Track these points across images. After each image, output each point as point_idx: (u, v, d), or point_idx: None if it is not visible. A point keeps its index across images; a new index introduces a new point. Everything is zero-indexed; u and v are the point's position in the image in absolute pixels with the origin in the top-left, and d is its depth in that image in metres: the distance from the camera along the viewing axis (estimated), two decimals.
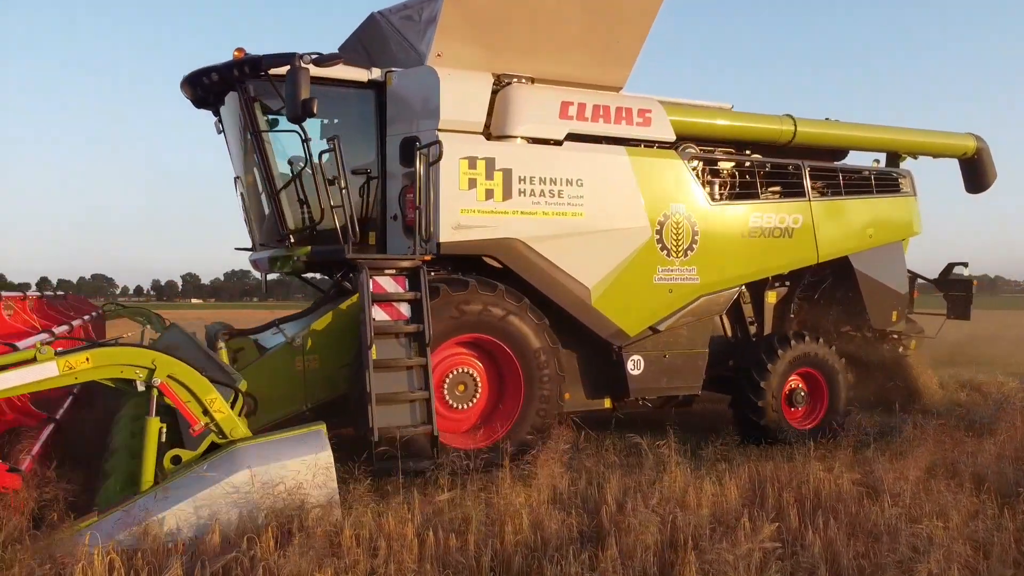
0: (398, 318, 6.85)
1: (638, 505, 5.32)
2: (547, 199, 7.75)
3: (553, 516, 5.22)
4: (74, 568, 4.11)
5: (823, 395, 9.12)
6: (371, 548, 4.67)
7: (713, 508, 5.54)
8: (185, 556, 4.43)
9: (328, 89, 7.56)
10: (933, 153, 10.63)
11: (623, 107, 8.23)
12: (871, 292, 9.70)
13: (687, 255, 8.44)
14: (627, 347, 8.31)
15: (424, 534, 4.84)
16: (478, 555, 4.66)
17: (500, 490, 5.62)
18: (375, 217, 7.81)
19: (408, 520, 5.03)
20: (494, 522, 5.10)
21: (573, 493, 5.92)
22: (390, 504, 5.41)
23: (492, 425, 7.58)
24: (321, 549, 4.48)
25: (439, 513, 5.29)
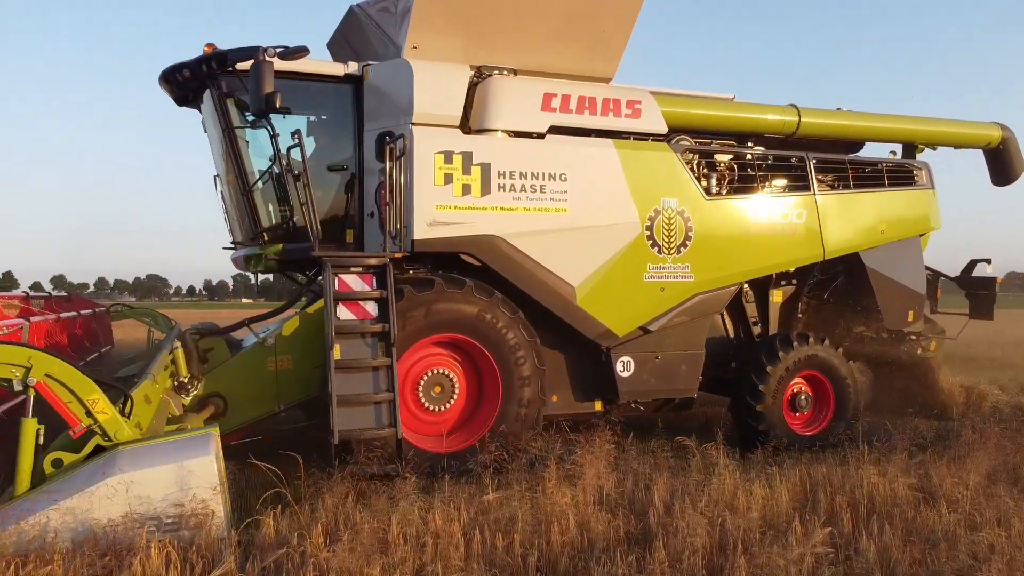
0: (364, 317, 6.65)
1: (686, 507, 5.26)
2: (528, 194, 7.48)
3: (599, 517, 5.20)
4: (132, 560, 4.19)
5: (829, 400, 8.67)
6: (418, 545, 4.70)
7: (763, 512, 5.46)
8: (239, 551, 4.51)
9: (305, 84, 7.46)
10: (954, 143, 10.05)
11: (610, 98, 7.91)
12: (885, 291, 9.20)
13: (680, 252, 8.08)
14: (616, 348, 7.99)
15: (471, 533, 4.86)
16: (524, 555, 4.68)
17: (545, 490, 5.59)
18: (354, 214, 7.63)
19: (455, 519, 5.05)
20: (540, 522, 5.10)
21: (619, 494, 5.85)
22: (435, 502, 5.41)
23: (471, 428, 7.36)
24: (369, 546, 4.51)
25: (485, 512, 5.28)
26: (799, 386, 8.62)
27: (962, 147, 10.14)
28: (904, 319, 9.39)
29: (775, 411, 8.31)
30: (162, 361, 6.51)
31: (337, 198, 7.66)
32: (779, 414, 8.35)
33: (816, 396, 8.72)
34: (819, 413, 8.72)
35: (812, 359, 8.51)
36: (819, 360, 8.55)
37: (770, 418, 8.23)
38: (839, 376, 8.63)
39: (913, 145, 9.79)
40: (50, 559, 4.25)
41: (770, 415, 8.24)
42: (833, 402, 8.65)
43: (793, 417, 8.57)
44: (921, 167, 9.49)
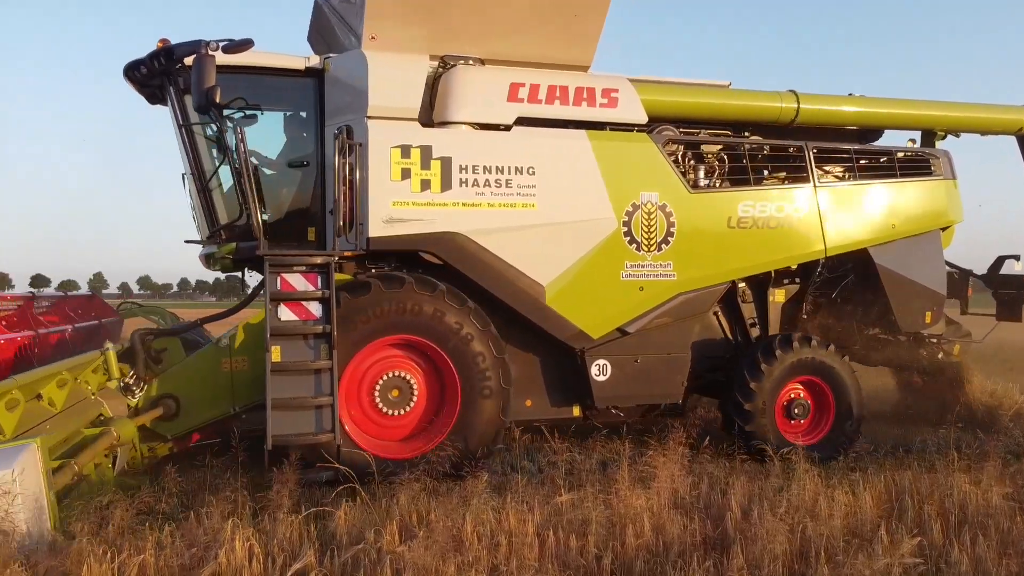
0: (307, 318, 6.43)
1: (764, 513, 5.12)
2: (493, 189, 7.13)
3: (675, 520, 5.13)
4: (219, 551, 4.36)
5: (829, 407, 8.06)
6: (492, 544, 4.71)
7: (846, 519, 5.31)
8: (317, 545, 4.63)
9: (267, 79, 7.31)
10: (979, 129, 9.24)
11: (584, 87, 7.49)
12: (898, 290, 8.50)
13: (661, 249, 7.61)
14: (591, 350, 7.57)
15: (544, 533, 4.87)
16: (599, 557, 4.66)
17: (619, 492, 5.54)
18: (316, 211, 7.42)
19: (528, 519, 5.04)
20: (614, 524, 5.07)
21: (695, 497, 5.77)
22: (508, 501, 5.38)
23: (430, 433, 7.07)
24: (443, 544, 4.53)
25: (558, 513, 5.26)
26: (796, 392, 8.04)
27: (989, 133, 9.32)
28: (920, 320, 8.67)
29: (768, 420, 7.76)
30: (74, 363, 6.37)
31: (300, 195, 7.46)
32: (773, 423, 7.80)
33: (816, 403, 8.12)
34: (819, 421, 8.12)
35: (809, 364, 7.92)
36: (817, 365, 7.95)
37: (760, 430, 7.68)
38: (840, 382, 8.00)
39: (932, 132, 9.03)
40: (142, 548, 4.43)
41: (760, 427, 7.70)
42: (833, 410, 8.04)
43: (789, 425, 7.99)
44: (939, 155, 8.73)
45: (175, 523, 5.08)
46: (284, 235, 7.20)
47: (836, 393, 7.99)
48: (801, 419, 8.00)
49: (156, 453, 6.98)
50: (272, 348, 6.22)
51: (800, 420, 8.00)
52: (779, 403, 7.93)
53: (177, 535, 4.77)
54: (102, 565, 4.23)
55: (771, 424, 7.75)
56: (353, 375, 6.87)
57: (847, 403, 7.98)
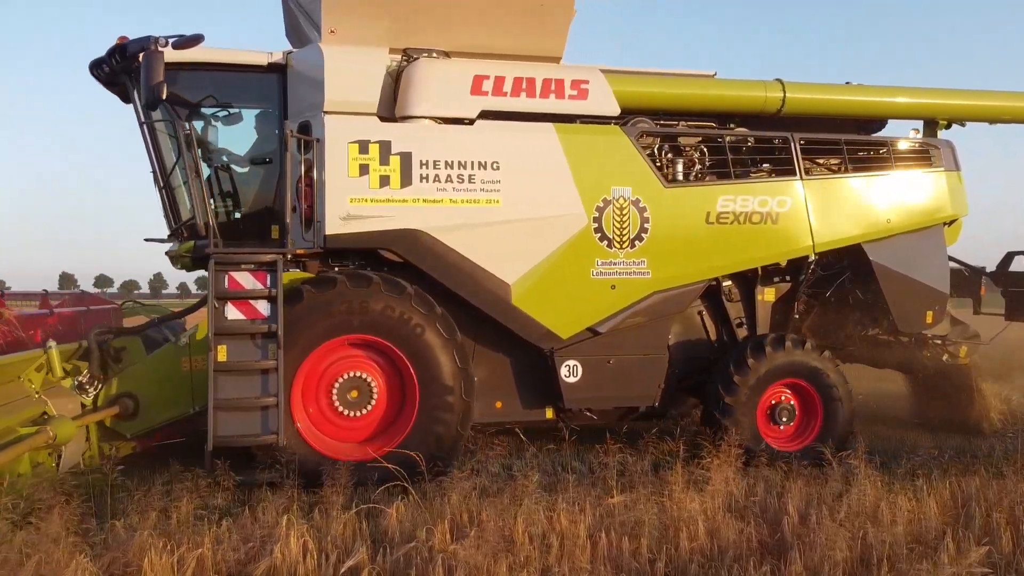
0: (254, 317, 6.32)
1: (823, 518, 5.03)
2: (455, 185, 6.94)
3: (730, 524, 5.05)
4: (274, 547, 4.43)
5: (817, 412, 7.67)
6: (543, 545, 4.70)
7: (909, 526, 5.16)
8: (369, 542, 4.69)
9: (232, 76, 7.25)
10: (987, 118, 8.71)
11: (552, 79, 7.25)
12: (896, 288, 8.06)
13: (634, 246, 7.32)
14: (561, 351, 7.33)
15: (596, 535, 4.84)
16: (652, 560, 4.64)
17: (673, 495, 5.48)
18: (279, 209, 7.29)
19: (580, 520, 5.01)
20: (667, 527, 5.03)
21: (751, 501, 5.67)
22: (559, 502, 5.34)
23: (392, 434, 6.91)
24: (495, 543, 4.52)
25: (610, 515, 5.21)
26: (782, 396, 7.67)
27: (998, 122, 8.79)
28: (921, 321, 8.21)
29: (749, 424, 7.41)
30: (12, 359, 6.34)
31: (264, 192, 7.38)
32: (753, 427, 7.45)
33: (803, 407, 7.74)
34: (806, 426, 7.74)
35: (794, 367, 7.55)
36: (803, 368, 7.57)
37: (737, 427, 7.33)
38: (827, 385, 7.61)
39: (934, 122, 8.54)
40: (200, 542, 4.51)
41: (737, 423, 7.35)
42: (821, 414, 7.65)
43: (773, 431, 7.64)
44: (939, 146, 8.24)
45: (232, 518, 5.16)
46: (248, 233, 7.13)
47: (822, 395, 7.60)
48: (787, 424, 7.63)
49: (119, 452, 6.95)
50: (218, 347, 6.13)
51: (786, 425, 7.63)
52: (762, 406, 7.57)
53: (234, 530, 4.87)
54: (162, 558, 4.33)
55: (750, 424, 7.40)
56: (311, 374, 6.75)
57: (835, 409, 7.59)
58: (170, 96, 7.16)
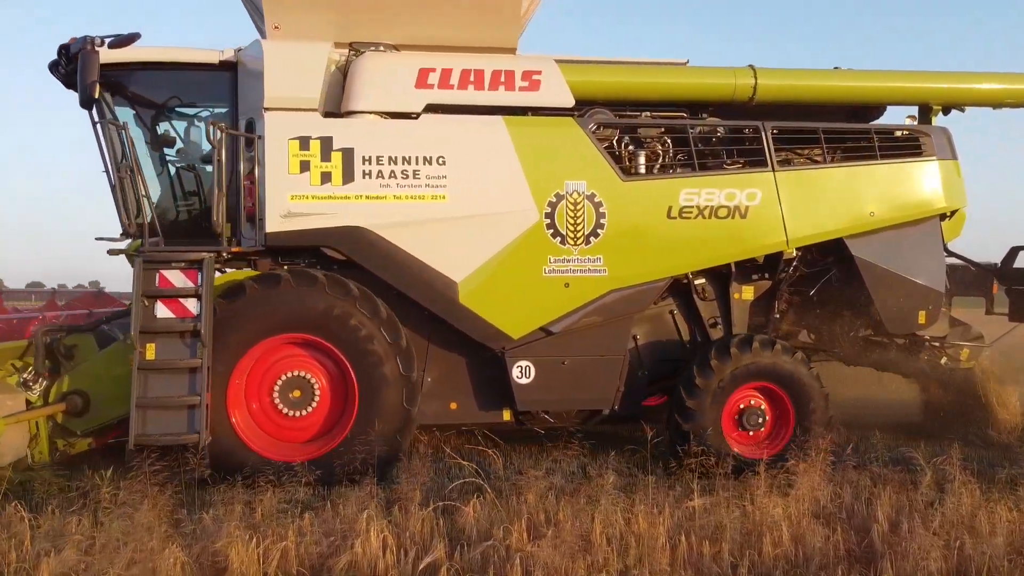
0: (183, 315, 6.29)
1: (915, 526, 4.89)
2: (399, 181, 6.79)
3: (815, 531, 4.94)
4: (354, 541, 4.54)
5: (789, 417, 7.22)
6: (621, 547, 4.69)
7: (1010, 537, 4.94)
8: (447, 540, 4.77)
9: (186, 75, 7.26)
10: (989, 102, 8.05)
11: (502, 70, 7.02)
12: (883, 286, 7.54)
13: (589, 242, 7.03)
14: (512, 351, 7.09)
15: (676, 538, 4.81)
16: (734, 565, 4.58)
17: (756, 499, 5.39)
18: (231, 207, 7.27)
19: (658, 522, 4.98)
20: (750, 532, 4.97)
21: (837, 507, 5.54)
22: (637, 503, 5.31)
23: (335, 434, 6.81)
24: (572, 544, 4.53)
25: (690, 518, 5.21)
26: (751, 400, 7.25)
27: (1003, 106, 8.12)
28: (913, 321, 7.65)
29: (711, 430, 7.02)
30: None
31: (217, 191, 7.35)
32: (719, 432, 7.06)
33: (775, 412, 7.31)
34: (778, 432, 7.30)
35: (763, 369, 7.12)
36: (771, 369, 7.14)
37: (700, 433, 6.97)
38: (800, 388, 7.15)
39: (928, 107, 7.95)
40: (284, 535, 4.66)
41: (701, 429, 6.98)
42: (793, 419, 7.20)
43: (742, 436, 7.23)
44: (931, 133, 7.65)
45: (313, 512, 5.28)
46: (201, 231, 7.12)
47: (795, 399, 7.15)
48: (757, 429, 7.21)
49: (73, 448, 7.05)
50: (147, 346, 6.13)
51: (755, 430, 7.21)
52: (729, 410, 7.18)
53: (316, 523, 4.98)
54: (248, 549, 4.45)
55: (714, 428, 7.01)
56: (253, 372, 6.71)
57: (808, 414, 7.13)
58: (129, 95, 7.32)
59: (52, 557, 4.34)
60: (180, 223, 7.32)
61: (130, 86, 7.24)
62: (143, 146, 7.34)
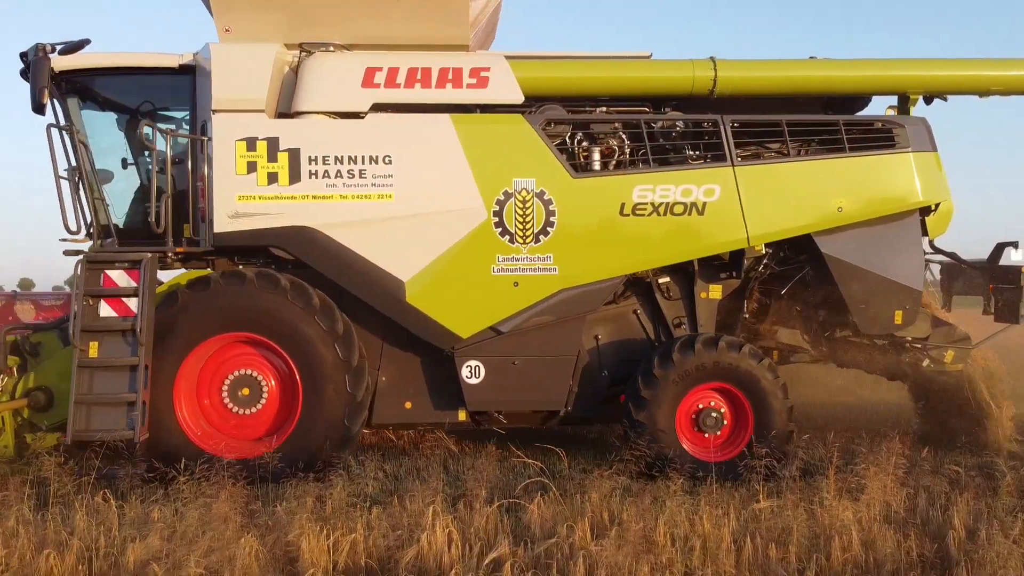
0: (126, 314, 6.42)
1: (994, 534, 4.73)
2: (345, 180, 6.81)
3: (887, 536, 4.84)
4: (420, 535, 4.65)
5: (748, 421, 6.98)
6: (686, 548, 4.68)
7: None
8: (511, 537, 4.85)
9: (150, 79, 7.42)
10: (975, 90, 7.61)
11: (449, 68, 6.96)
12: (855, 285, 7.22)
13: (539, 240, 6.91)
14: (462, 350, 7.04)
15: (741, 540, 4.77)
16: (801, 569, 4.56)
17: (824, 502, 5.30)
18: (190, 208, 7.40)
19: (724, 524, 4.94)
20: (818, 536, 4.88)
21: (910, 512, 5.43)
22: (702, 504, 5.30)
23: (282, 432, 6.87)
24: (636, 544, 4.54)
25: (756, 520, 5.16)
26: (710, 401, 7.03)
27: (990, 94, 7.66)
28: (888, 321, 7.30)
29: (667, 431, 6.84)
30: None
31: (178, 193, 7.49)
32: (672, 435, 6.87)
33: (735, 417, 7.07)
34: (736, 438, 7.06)
35: (724, 368, 6.89)
36: (733, 371, 6.90)
37: (653, 440, 6.79)
38: (761, 394, 6.89)
39: (905, 97, 7.56)
40: (353, 528, 4.80)
41: (654, 436, 6.79)
42: (752, 422, 6.95)
43: (699, 438, 7.01)
44: (905, 124, 7.26)
45: (381, 506, 5.42)
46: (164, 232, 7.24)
47: (753, 400, 6.90)
48: (714, 432, 6.99)
49: (42, 443, 7.28)
50: (90, 344, 6.29)
51: (713, 433, 6.99)
52: (684, 411, 6.98)
53: (383, 517, 5.12)
54: (319, 540, 4.60)
55: (668, 429, 6.83)
56: (204, 372, 6.82)
57: (767, 419, 6.87)
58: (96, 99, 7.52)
59: (137, 543, 4.59)
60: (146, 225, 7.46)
61: (95, 91, 7.43)
62: (106, 150, 7.51)
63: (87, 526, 4.92)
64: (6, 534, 4.79)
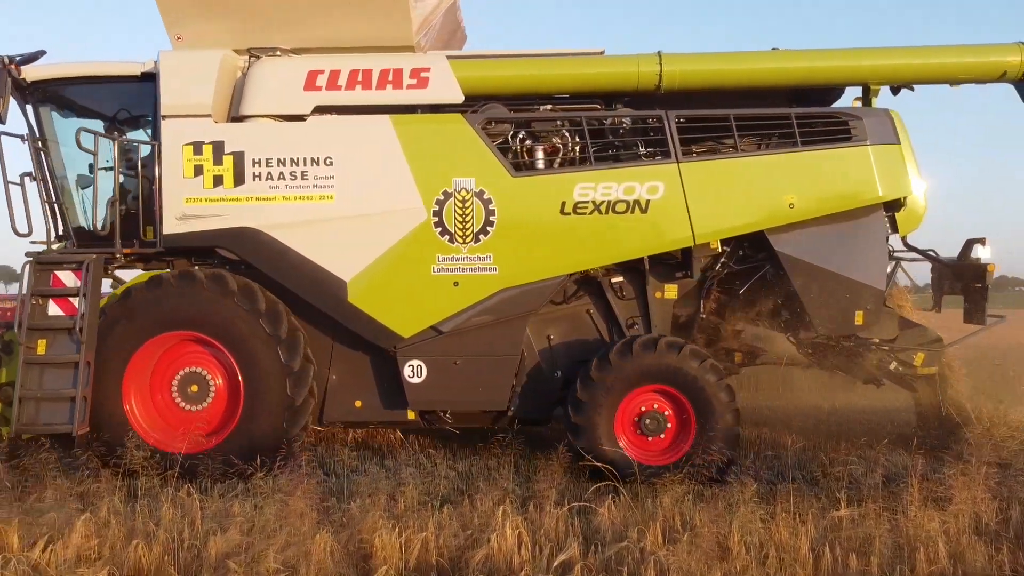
0: (71, 313, 6.69)
1: None
2: (288, 182, 6.93)
3: (977, 549, 4.70)
4: (491, 536, 4.75)
5: (690, 424, 6.80)
6: (760, 556, 4.63)
7: None
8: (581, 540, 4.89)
9: (117, 87, 7.69)
10: (942, 78, 7.21)
11: (391, 69, 7.00)
12: (811, 284, 6.98)
13: (479, 240, 6.90)
14: (404, 350, 7.08)
15: (819, 549, 4.68)
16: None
17: (908, 512, 5.17)
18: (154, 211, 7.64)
19: (801, 532, 4.87)
20: (902, 547, 4.77)
21: (1003, 525, 5.25)
22: (778, 511, 5.24)
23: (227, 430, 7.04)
24: (708, 550, 4.51)
25: (835, 529, 5.07)
26: (652, 403, 6.88)
27: (961, 83, 7.26)
28: (848, 322, 7.02)
29: (605, 434, 6.74)
30: None
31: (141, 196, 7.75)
32: (611, 437, 6.75)
33: (679, 420, 6.90)
34: (683, 438, 6.89)
35: (663, 370, 6.74)
36: (673, 373, 6.74)
37: (592, 445, 6.69)
38: (703, 397, 6.71)
39: (867, 87, 7.23)
40: (424, 526, 4.93)
41: (592, 441, 6.70)
42: (694, 425, 6.77)
43: (641, 441, 6.88)
44: (862, 116, 6.94)
45: (452, 506, 5.55)
46: (127, 234, 7.50)
47: (695, 403, 6.73)
48: (656, 435, 6.84)
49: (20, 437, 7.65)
50: (38, 342, 6.58)
51: (655, 436, 6.85)
52: (626, 415, 6.86)
53: (454, 517, 5.23)
54: (391, 538, 4.73)
55: (607, 426, 6.73)
56: (157, 369, 7.06)
57: (710, 419, 6.69)
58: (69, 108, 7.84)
59: (218, 536, 4.76)
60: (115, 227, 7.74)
61: (67, 99, 7.75)
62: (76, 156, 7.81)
63: (172, 518, 5.18)
64: (99, 524, 5.05)
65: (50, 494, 5.82)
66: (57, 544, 4.69)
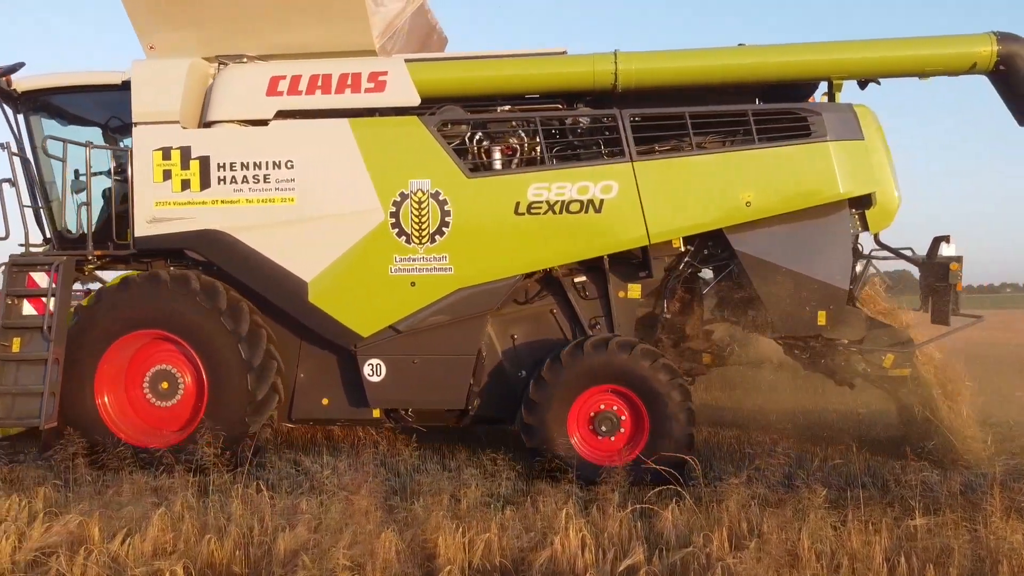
0: (43, 312, 7.00)
1: None
2: (251, 185, 7.13)
3: None
4: (554, 538, 4.79)
5: (644, 425, 6.76)
6: (832, 564, 4.54)
7: None
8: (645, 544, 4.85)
9: (102, 96, 8.01)
10: (908, 71, 6.99)
11: (348, 73, 7.14)
12: (771, 283, 6.87)
13: (435, 240, 6.98)
14: (364, 349, 7.21)
15: (894, 559, 4.57)
16: None
17: (989, 522, 4.98)
18: None
19: (875, 541, 4.76)
20: (982, 559, 4.62)
21: None
22: (850, 519, 5.13)
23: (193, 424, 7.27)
24: (777, 557, 4.45)
25: (911, 538, 4.93)
26: (608, 404, 6.87)
27: (929, 75, 7.02)
28: (811, 322, 6.89)
29: (554, 428, 6.75)
30: None
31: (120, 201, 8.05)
32: (560, 432, 6.76)
33: (634, 421, 6.87)
34: (637, 438, 6.85)
35: (615, 370, 6.72)
36: (624, 373, 6.72)
37: (546, 446, 6.72)
38: (655, 397, 6.67)
39: (830, 81, 7.05)
40: (487, 527, 4.96)
41: (546, 442, 6.73)
42: (648, 426, 6.73)
43: (595, 441, 6.87)
44: (820, 112, 6.79)
45: (514, 507, 5.61)
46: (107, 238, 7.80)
47: (648, 404, 6.69)
48: (609, 435, 6.83)
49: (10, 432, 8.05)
50: (13, 340, 6.91)
51: (606, 436, 6.83)
52: (580, 415, 6.86)
53: (517, 518, 5.28)
54: (455, 538, 4.77)
55: (559, 426, 6.75)
56: (130, 366, 7.34)
57: (663, 420, 6.64)
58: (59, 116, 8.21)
59: (287, 533, 4.88)
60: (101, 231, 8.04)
61: (58, 108, 8.11)
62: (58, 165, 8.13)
63: (243, 514, 5.30)
64: (174, 518, 5.21)
65: (127, 488, 6.01)
66: (135, 537, 4.86)
